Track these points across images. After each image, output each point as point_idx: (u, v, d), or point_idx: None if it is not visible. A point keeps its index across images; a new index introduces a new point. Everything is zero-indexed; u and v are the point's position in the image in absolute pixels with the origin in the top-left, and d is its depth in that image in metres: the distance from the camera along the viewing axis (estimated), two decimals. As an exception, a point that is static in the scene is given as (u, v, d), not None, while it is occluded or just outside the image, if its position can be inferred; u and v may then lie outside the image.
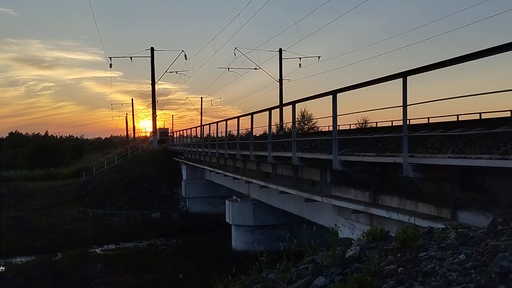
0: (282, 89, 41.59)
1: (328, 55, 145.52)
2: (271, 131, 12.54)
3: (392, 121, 27.03)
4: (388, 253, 4.14)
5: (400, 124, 7.27)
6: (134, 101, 75.63)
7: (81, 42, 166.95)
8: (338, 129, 8.48)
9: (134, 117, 76.54)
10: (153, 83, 44.55)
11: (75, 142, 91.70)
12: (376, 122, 33.56)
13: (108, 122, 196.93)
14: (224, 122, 18.86)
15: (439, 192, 6.81)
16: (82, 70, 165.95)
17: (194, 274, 16.88)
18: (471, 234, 4.13)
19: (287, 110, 14.48)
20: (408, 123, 6.50)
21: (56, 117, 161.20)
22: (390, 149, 7.49)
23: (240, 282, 5.64)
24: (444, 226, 4.84)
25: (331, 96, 8.28)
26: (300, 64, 41.48)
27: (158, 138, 45.90)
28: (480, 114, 17.02)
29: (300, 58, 41.30)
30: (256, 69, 43.05)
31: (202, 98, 76.12)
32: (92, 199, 32.93)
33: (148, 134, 63.10)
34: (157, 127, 47.63)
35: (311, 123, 45.65)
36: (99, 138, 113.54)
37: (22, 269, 17.81)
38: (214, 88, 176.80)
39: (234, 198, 20.70)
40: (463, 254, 3.63)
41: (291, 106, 10.56)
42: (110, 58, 44.00)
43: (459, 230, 4.41)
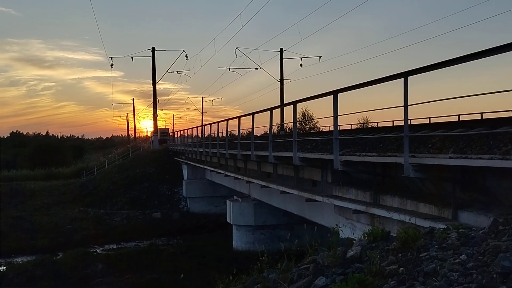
0: (283, 89, 41.56)
1: (329, 55, 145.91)
2: (272, 131, 12.55)
3: (393, 121, 27.05)
4: (389, 253, 4.14)
5: (401, 124, 7.27)
6: (135, 101, 75.91)
7: (82, 42, 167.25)
8: (339, 129, 8.48)
9: (135, 117, 76.63)
10: (154, 83, 44.58)
11: (76, 142, 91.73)
12: (377, 122, 33.62)
13: (109, 122, 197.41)
14: (225, 122, 18.87)
15: (440, 192, 6.80)
16: (83, 70, 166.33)
17: (195, 274, 16.90)
18: (472, 234, 4.13)
19: (288, 110, 14.49)
20: (409, 123, 6.49)
21: (57, 117, 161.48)
22: (391, 149, 7.48)
23: (241, 282, 5.65)
24: (445, 226, 4.84)
25: (332, 96, 8.29)
26: (301, 64, 41.42)
27: (158, 138, 45.91)
28: (481, 114, 17.00)
29: (301, 58, 41.23)
30: (257, 69, 43.08)
31: (203, 98, 76.19)
32: (93, 199, 32.95)
33: (149, 134, 63.15)
34: (158, 127, 47.65)
35: (312, 123, 45.69)
36: (100, 138, 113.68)
37: (23, 268, 17.82)
38: (215, 88, 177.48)
39: (235, 198, 20.70)
40: (464, 254, 3.63)
41: (292, 106, 10.56)
42: (111, 58, 44.10)
43: (460, 230, 4.41)
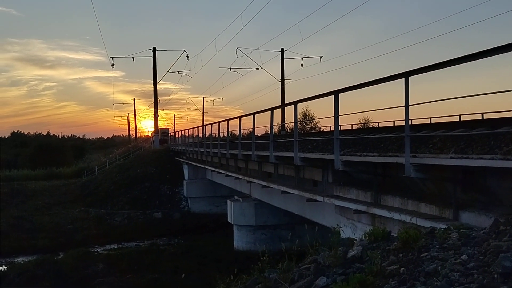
0: (284, 89, 41.58)
1: (330, 55, 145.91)
2: (273, 131, 12.55)
3: (394, 121, 27.03)
4: (390, 253, 4.14)
5: (402, 124, 7.26)
6: (136, 101, 76.18)
7: (83, 42, 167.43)
8: (340, 129, 8.47)
9: (136, 117, 76.75)
10: (155, 83, 44.61)
11: (77, 141, 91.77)
12: (378, 122, 33.67)
13: (110, 122, 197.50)
14: (226, 122, 18.88)
15: (441, 192, 6.80)
16: (84, 70, 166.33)
17: (196, 274, 16.90)
18: (473, 235, 4.13)
19: (289, 110, 14.50)
20: (410, 123, 6.49)
21: (58, 116, 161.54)
22: (392, 149, 7.48)
23: (242, 282, 5.65)
24: (446, 226, 4.83)
25: (333, 96, 8.28)
26: (302, 64, 41.48)
27: (159, 138, 45.95)
28: (482, 114, 16.98)
29: (302, 58, 41.29)
30: (258, 69, 43.14)
31: (204, 98, 76.21)
32: (94, 199, 32.98)
33: (149, 134, 63.18)
34: (159, 127, 47.67)
35: (313, 123, 45.73)
36: (101, 137, 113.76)
37: (24, 268, 17.84)
38: (216, 88, 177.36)
39: (236, 198, 20.70)
40: (465, 255, 3.63)
41: (293, 106, 10.56)
42: (112, 58, 44.38)
43: (461, 230, 4.40)
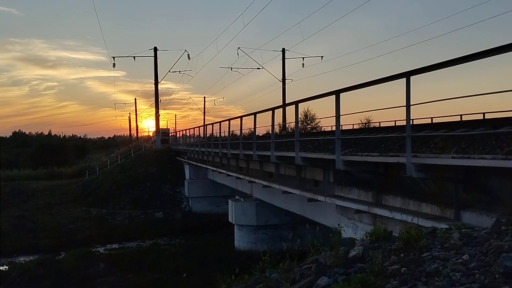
0: (285, 88, 41.59)
1: (331, 55, 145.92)
2: (274, 131, 12.55)
3: (395, 121, 26.97)
4: (391, 253, 4.14)
5: (403, 124, 7.26)
6: (137, 100, 76.20)
7: (84, 42, 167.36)
8: (341, 129, 8.47)
9: (137, 116, 76.79)
10: (156, 83, 44.62)
11: (78, 141, 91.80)
12: (379, 122, 33.65)
13: (111, 122, 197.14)
14: (227, 122, 18.89)
15: (443, 192, 6.80)
16: (85, 69, 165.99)
17: (197, 274, 16.91)
18: (475, 235, 4.12)
19: (290, 110, 14.49)
20: (411, 123, 6.49)
21: (59, 116, 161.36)
22: (393, 149, 7.48)
23: (243, 281, 5.65)
24: (447, 226, 4.83)
25: (334, 96, 8.28)
26: (303, 64, 41.48)
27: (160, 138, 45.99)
28: (483, 114, 16.95)
29: (303, 58, 41.28)
30: (259, 68, 43.17)
31: (205, 97, 76.45)
32: (95, 199, 33.02)
33: (151, 134, 63.23)
34: (160, 127, 47.67)
35: (314, 123, 45.73)
36: (102, 137, 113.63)
37: (25, 268, 17.86)
38: (217, 87, 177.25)
39: (237, 197, 20.70)
40: (467, 255, 3.62)
41: (294, 106, 10.55)
42: (113, 57, 44.30)
43: (463, 230, 4.40)
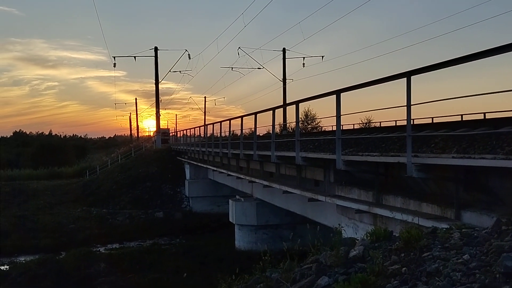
0: (285, 88, 41.59)
1: (331, 55, 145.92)
2: (275, 131, 12.55)
3: (395, 120, 27.02)
4: (392, 253, 4.14)
5: (403, 124, 7.26)
6: (137, 100, 75.97)
7: (85, 42, 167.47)
8: (341, 128, 8.47)
9: (138, 116, 76.79)
10: (156, 83, 44.61)
11: (79, 141, 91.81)
12: (379, 122, 33.64)
13: (111, 122, 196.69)
14: (227, 121, 18.89)
15: (443, 192, 6.80)
16: (86, 69, 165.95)
17: (197, 274, 16.91)
18: (475, 234, 4.12)
19: (291, 109, 14.50)
20: (412, 123, 6.48)
21: (60, 116, 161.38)
22: (394, 149, 7.48)
23: (243, 281, 5.65)
24: (448, 226, 4.83)
25: (335, 95, 8.28)
26: (303, 63, 41.48)
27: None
28: (484, 114, 16.94)
29: (303, 58, 41.27)
30: (259, 68, 43.16)
31: (205, 97, 76.46)
32: (95, 198, 33.03)
33: (151, 134, 63.25)
34: (160, 127, 47.67)
35: (315, 123, 45.73)
36: (103, 137, 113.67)
37: (26, 267, 17.86)
38: (217, 87, 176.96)
39: (237, 197, 20.70)
40: (467, 254, 3.62)
41: (295, 105, 10.55)
42: (114, 57, 44.34)
43: (463, 230, 4.40)
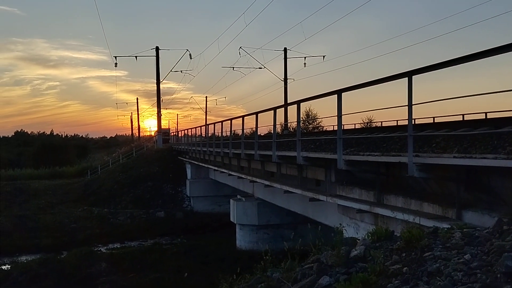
0: (287, 88, 41.59)
1: (333, 55, 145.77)
2: (276, 131, 12.54)
3: (397, 120, 26.96)
4: (393, 252, 4.13)
5: (405, 123, 7.26)
6: (139, 100, 75.80)
7: (86, 42, 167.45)
8: (343, 128, 8.47)
9: (139, 116, 76.76)
10: (158, 82, 44.61)
11: (80, 141, 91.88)
12: (381, 122, 33.53)
13: (113, 121, 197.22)
14: (229, 121, 18.90)
15: (444, 192, 6.79)
16: (87, 69, 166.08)
17: (198, 273, 16.91)
18: (477, 234, 4.12)
19: (292, 109, 14.49)
20: (413, 123, 6.48)
21: (61, 116, 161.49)
22: (395, 148, 7.47)
23: (244, 281, 5.65)
24: (449, 226, 4.83)
25: (336, 95, 8.28)
26: (305, 63, 41.48)
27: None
28: (485, 113, 16.91)
29: (305, 58, 41.27)
30: (261, 68, 43.14)
31: (206, 97, 76.60)
32: (97, 198, 33.05)
33: (152, 133, 63.29)
34: (161, 127, 47.68)
35: (316, 123, 45.72)
36: (104, 137, 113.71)
37: (27, 267, 17.90)
38: (218, 87, 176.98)
39: (238, 197, 20.71)
40: (469, 254, 3.62)
41: (296, 105, 10.55)
42: (115, 57, 44.33)
43: (465, 230, 4.40)
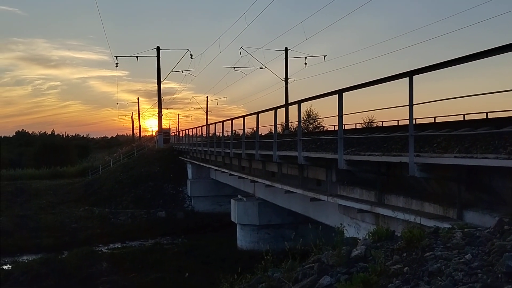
0: (287, 88, 41.59)
1: (333, 54, 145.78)
2: (277, 130, 12.54)
3: (398, 120, 26.92)
4: (394, 252, 4.13)
5: (406, 123, 7.25)
6: (140, 100, 75.90)
7: (87, 42, 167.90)
8: (343, 128, 8.47)
9: (140, 116, 76.82)
10: (159, 82, 44.63)
11: (81, 141, 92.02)
12: (382, 122, 33.51)
13: (114, 121, 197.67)
14: (229, 121, 18.91)
15: (445, 191, 6.79)
16: (88, 69, 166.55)
17: (199, 273, 16.91)
18: (477, 234, 4.12)
19: (293, 109, 14.49)
20: (414, 123, 6.48)
21: (62, 116, 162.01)
22: (396, 148, 7.47)
23: (245, 281, 5.65)
24: (450, 226, 4.82)
25: (337, 95, 8.27)
26: (305, 63, 41.47)
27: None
28: (486, 113, 16.88)
29: (305, 58, 41.26)
30: (261, 68, 43.14)
31: (207, 97, 76.62)
32: (98, 198, 33.06)
33: (153, 133, 63.33)
34: (162, 127, 47.71)
35: (317, 123, 45.71)
36: (105, 137, 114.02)
37: (28, 267, 17.89)
38: (219, 87, 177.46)
39: (239, 197, 20.70)
40: (469, 254, 3.62)
41: (297, 105, 10.55)
42: (116, 57, 44.20)
43: (465, 230, 4.39)
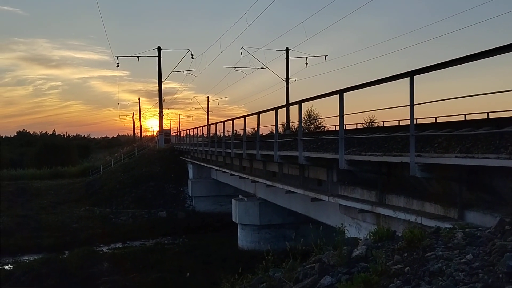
0: (288, 88, 41.57)
1: (334, 54, 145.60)
2: (278, 131, 12.54)
3: (399, 120, 26.91)
4: (394, 252, 4.13)
5: (407, 123, 7.25)
6: (140, 100, 75.95)
7: (88, 42, 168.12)
8: (344, 128, 8.47)
9: (141, 116, 76.85)
10: (160, 82, 44.67)
11: (82, 141, 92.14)
12: (383, 122, 33.49)
13: (115, 121, 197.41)
14: (230, 121, 18.90)
15: (446, 191, 6.78)
16: (89, 69, 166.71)
17: (200, 273, 16.93)
18: (478, 234, 4.11)
19: (294, 109, 14.49)
20: (415, 123, 6.48)
21: (63, 116, 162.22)
22: (397, 148, 7.47)
23: (246, 281, 5.66)
24: (451, 226, 4.82)
25: (338, 95, 8.27)
26: (306, 63, 41.43)
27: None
28: (487, 113, 16.87)
29: (306, 57, 41.21)
30: (262, 68, 43.11)
31: (208, 97, 76.54)
32: (99, 198, 33.09)
33: (154, 133, 63.36)
34: (163, 127, 47.73)
35: (318, 123, 45.70)
36: (106, 137, 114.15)
37: (29, 267, 17.92)
38: (220, 87, 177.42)
39: (240, 197, 20.70)
40: (470, 254, 3.62)
41: (298, 105, 10.55)
42: (117, 57, 44.21)
43: (466, 230, 4.39)
